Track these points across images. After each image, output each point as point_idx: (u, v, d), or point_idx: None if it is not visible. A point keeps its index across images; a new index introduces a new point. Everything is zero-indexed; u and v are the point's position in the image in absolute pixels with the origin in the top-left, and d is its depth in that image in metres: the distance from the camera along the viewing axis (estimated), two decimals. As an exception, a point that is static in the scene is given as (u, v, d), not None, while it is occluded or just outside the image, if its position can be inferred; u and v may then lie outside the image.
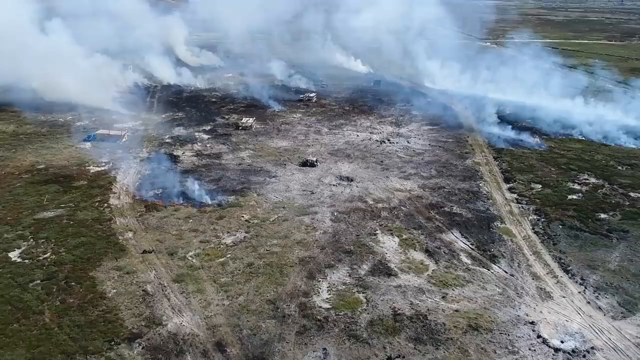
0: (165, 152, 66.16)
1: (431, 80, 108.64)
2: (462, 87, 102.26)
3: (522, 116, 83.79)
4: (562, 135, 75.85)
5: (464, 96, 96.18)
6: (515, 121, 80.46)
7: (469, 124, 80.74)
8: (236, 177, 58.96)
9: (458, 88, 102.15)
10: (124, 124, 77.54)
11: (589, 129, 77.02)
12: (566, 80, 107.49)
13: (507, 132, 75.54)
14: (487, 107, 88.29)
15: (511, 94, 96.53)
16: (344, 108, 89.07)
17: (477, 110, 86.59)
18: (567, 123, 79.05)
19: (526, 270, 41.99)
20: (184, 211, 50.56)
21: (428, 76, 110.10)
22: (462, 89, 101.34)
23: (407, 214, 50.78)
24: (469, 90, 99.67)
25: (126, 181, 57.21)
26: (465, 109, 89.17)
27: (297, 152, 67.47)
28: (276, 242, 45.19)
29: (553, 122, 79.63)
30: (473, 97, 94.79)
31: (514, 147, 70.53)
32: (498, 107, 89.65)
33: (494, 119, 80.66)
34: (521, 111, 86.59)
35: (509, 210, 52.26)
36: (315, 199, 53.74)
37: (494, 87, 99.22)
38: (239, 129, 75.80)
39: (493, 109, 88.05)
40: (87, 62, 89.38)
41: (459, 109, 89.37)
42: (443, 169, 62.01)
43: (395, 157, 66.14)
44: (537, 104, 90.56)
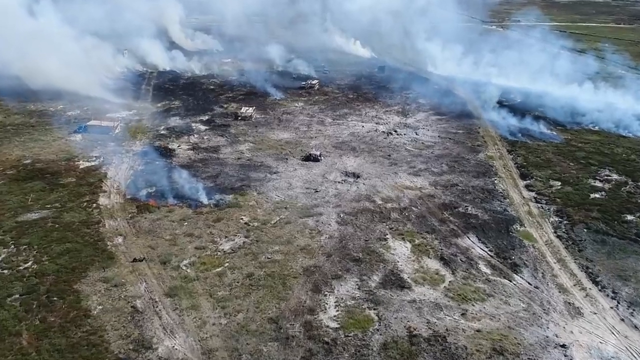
0: (160, 145, 61.88)
1: (436, 65, 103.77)
2: (468, 72, 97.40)
3: (533, 104, 79.14)
4: (577, 126, 71.34)
5: (470, 82, 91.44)
6: (527, 110, 75.88)
7: (479, 113, 76.24)
8: (235, 173, 54.80)
9: (463, 74, 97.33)
10: (116, 113, 73.10)
11: (603, 118, 72.55)
12: (576, 66, 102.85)
13: (519, 123, 71.11)
14: (496, 94, 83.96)
15: (519, 80, 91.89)
16: (347, 96, 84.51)
17: (486, 98, 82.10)
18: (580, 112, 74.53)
19: (551, 281, 38.09)
20: (178, 212, 46.52)
21: (432, 61, 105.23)
22: (467, 74, 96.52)
23: (418, 215, 46.75)
24: (475, 76, 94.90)
25: (117, 178, 53.07)
26: (473, 97, 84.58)
27: (299, 144, 63.22)
28: (278, 248, 41.22)
29: (565, 111, 75.12)
30: (480, 84, 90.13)
31: (528, 138, 66.18)
32: (507, 94, 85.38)
33: (504, 108, 76.31)
34: (531, 99, 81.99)
35: (528, 210, 48.23)
36: (319, 198, 49.67)
37: (500, 73, 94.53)
38: (238, 119, 71.39)
39: (503, 96, 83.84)
40: (77, 46, 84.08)
41: (466, 97, 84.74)
42: (455, 164, 57.81)
43: (404, 150, 61.89)
44: (547, 91, 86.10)
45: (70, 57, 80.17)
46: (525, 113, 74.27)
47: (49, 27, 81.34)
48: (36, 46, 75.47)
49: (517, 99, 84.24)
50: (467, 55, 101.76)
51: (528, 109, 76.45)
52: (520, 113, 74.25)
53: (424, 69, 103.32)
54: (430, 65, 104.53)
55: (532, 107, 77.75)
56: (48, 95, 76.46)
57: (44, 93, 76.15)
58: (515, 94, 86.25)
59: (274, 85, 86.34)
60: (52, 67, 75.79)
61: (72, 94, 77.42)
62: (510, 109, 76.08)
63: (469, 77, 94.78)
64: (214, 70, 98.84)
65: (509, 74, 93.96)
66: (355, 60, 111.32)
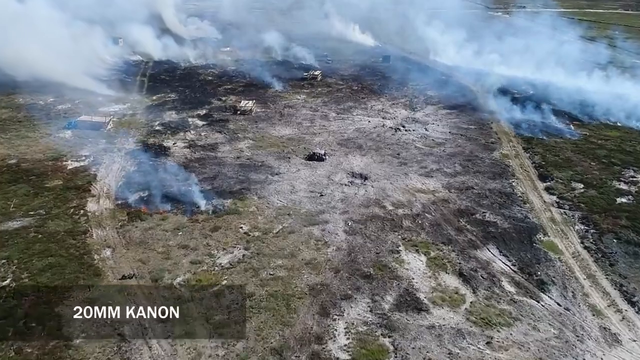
0: (154, 143, 57.68)
1: (441, 54, 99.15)
2: (475, 62, 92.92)
3: (546, 96, 74.70)
4: (595, 121, 67.06)
5: (478, 73, 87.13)
6: (541, 103, 71.44)
7: (490, 106, 71.84)
8: (234, 174, 50.68)
9: (470, 63, 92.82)
10: (109, 107, 68.77)
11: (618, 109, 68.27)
12: (587, 55, 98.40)
13: (533, 117, 66.85)
14: (506, 86, 79.71)
15: (529, 70, 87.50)
16: (352, 88, 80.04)
17: (497, 90, 77.82)
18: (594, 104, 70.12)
19: (583, 301, 34.24)
20: (172, 220, 42.49)
21: (437, 50, 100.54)
22: (474, 64, 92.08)
23: (433, 223, 42.75)
24: (482, 66, 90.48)
25: (108, 180, 48.95)
26: (483, 88, 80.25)
27: (302, 141, 59.02)
28: (281, 262, 37.28)
29: (580, 104, 70.79)
30: (488, 74, 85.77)
31: (544, 135, 61.93)
32: (519, 86, 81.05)
33: (516, 101, 72.02)
34: (544, 90, 77.63)
35: (551, 217, 44.23)
36: (325, 203, 45.63)
37: (509, 63, 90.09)
38: (237, 114, 67.05)
39: (514, 88, 79.54)
40: (67, 33, 79.22)
41: (476, 88, 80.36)
42: (468, 164, 53.69)
43: (413, 148, 57.70)
44: (559, 81, 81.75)
45: (59, 45, 75.59)
46: (538, 106, 69.94)
47: (36, 11, 76.41)
48: (20, 32, 70.57)
49: (529, 90, 79.85)
50: (473, 44, 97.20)
51: (541, 102, 71.99)
52: (534, 106, 69.93)
53: (428, 58, 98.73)
54: (435, 54, 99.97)
55: (545, 100, 73.31)
56: (35, 87, 71.92)
57: (31, 84, 71.57)
58: (526, 85, 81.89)
59: (274, 76, 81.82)
60: (40, 56, 71.15)
61: (62, 85, 72.76)
62: (523, 102, 71.76)
63: (476, 67, 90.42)
64: (212, 59, 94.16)
65: (518, 63, 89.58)
66: (358, 49, 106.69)
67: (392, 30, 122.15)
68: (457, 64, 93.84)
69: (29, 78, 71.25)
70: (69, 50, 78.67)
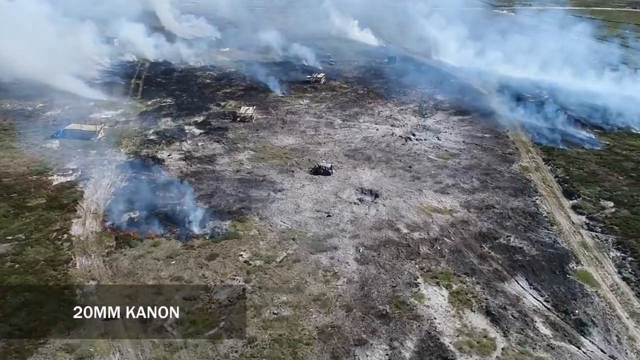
0: (147, 155, 53.15)
1: (447, 55, 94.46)
2: (483, 63, 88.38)
3: (562, 101, 70.16)
4: (617, 129, 62.58)
5: (488, 75, 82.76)
6: (557, 108, 66.90)
7: (503, 112, 67.35)
8: (233, 190, 46.20)
9: (479, 64, 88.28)
10: (101, 113, 64.15)
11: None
12: (601, 55, 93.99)
13: (551, 124, 62.41)
14: (518, 89, 75.24)
15: (541, 72, 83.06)
16: (357, 92, 75.43)
17: (509, 94, 73.36)
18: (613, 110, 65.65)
19: (629, 347, 29.91)
20: (165, 246, 38.04)
21: (443, 51, 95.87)
22: (483, 65, 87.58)
23: (453, 249, 38.32)
24: (492, 68, 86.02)
25: (96, 198, 44.45)
26: (494, 92, 75.83)
27: (306, 152, 54.53)
28: (286, 298, 32.88)
29: (600, 109, 66.36)
30: (498, 77, 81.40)
31: (564, 144, 57.46)
32: (532, 89, 76.58)
33: (531, 106, 67.55)
34: (559, 94, 73.18)
35: (581, 241, 39.82)
36: (333, 224, 41.18)
37: (519, 63, 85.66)
38: (237, 121, 62.47)
39: (527, 91, 75.08)
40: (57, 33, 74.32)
41: (487, 92, 75.84)
42: (487, 178, 49.23)
43: (426, 160, 53.21)
44: (574, 84, 77.36)
45: (48, 45, 70.91)
46: (555, 112, 65.46)
47: (22, 8, 71.63)
48: (5, 30, 65.84)
49: (542, 94, 75.35)
50: (480, 44, 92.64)
51: (557, 107, 67.47)
52: (550, 112, 65.46)
53: (435, 59, 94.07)
54: (442, 54, 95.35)
55: (561, 104, 68.83)
56: (23, 92, 67.32)
57: (19, 88, 67.02)
58: (538, 88, 77.42)
59: (275, 79, 77.17)
60: (26, 57, 66.48)
61: (52, 89, 68.05)
62: (538, 107, 67.25)
63: (485, 68, 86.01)
64: (210, 60, 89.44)
65: (527, 64, 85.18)
66: (361, 49, 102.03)
67: (396, 29, 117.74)
68: (464, 65, 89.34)
69: (15, 80, 66.54)
70: (59, 50, 74.09)
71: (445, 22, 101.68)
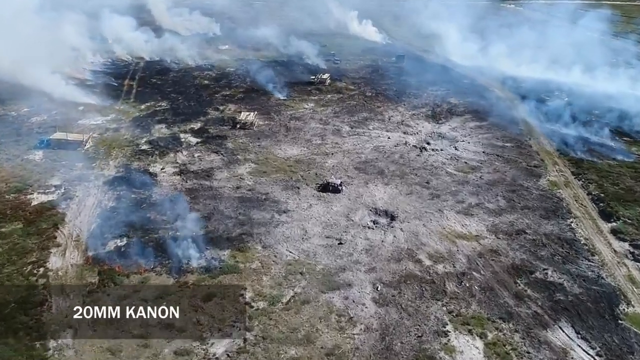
0: (139, 168, 47.80)
1: (457, 53, 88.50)
2: (496, 62, 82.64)
3: (584, 105, 64.66)
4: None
5: (501, 74, 77.27)
6: (580, 113, 61.52)
7: (523, 117, 62.02)
8: (232, 211, 40.92)
9: (492, 63, 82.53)
10: (90, 119, 58.75)
11: None
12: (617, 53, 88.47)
13: (576, 131, 57.08)
14: (536, 91, 69.76)
15: (559, 73, 77.49)
16: (365, 94, 69.87)
17: (527, 96, 68.03)
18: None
19: None
20: (154, 283, 32.88)
21: (453, 48, 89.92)
22: (495, 64, 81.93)
23: (484, 285, 33.14)
24: (506, 67, 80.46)
25: (79, 221, 39.20)
26: (510, 93, 70.45)
27: (313, 165, 49.19)
28: (294, 352, 27.75)
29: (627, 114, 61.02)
30: (512, 77, 75.92)
31: (593, 155, 52.15)
32: (551, 91, 71.08)
33: (552, 110, 62.22)
34: (581, 97, 67.68)
35: (628, 275, 34.67)
36: (345, 254, 35.97)
37: (535, 63, 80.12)
38: (237, 128, 57.05)
39: (546, 94, 69.64)
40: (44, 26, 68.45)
41: (504, 95, 70.33)
42: (513, 196, 43.95)
43: (444, 174, 47.88)
44: (594, 86, 72.02)
45: (35, 42, 65.24)
46: (578, 117, 60.13)
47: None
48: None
49: (562, 96, 69.90)
50: (491, 41, 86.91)
51: (580, 111, 62.09)
52: (573, 117, 60.11)
53: (444, 57, 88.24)
54: (451, 53, 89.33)
55: (584, 109, 63.43)
56: (9, 95, 61.76)
57: (3, 91, 61.50)
58: (559, 90, 71.90)
59: (278, 80, 71.69)
60: (11, 55, 60.88)
61: (39, 92, 62.37)
62: (559, 111, 61.90)
63: (499, 68, 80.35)
64: (209, 59, 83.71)
65: (545, 64, 79.61)
66: (367, 46, 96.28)
67: (402, 24, 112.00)
68: (475, 64, 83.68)
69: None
70: (46, 48, 68.54)
71: (452, 17, 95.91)
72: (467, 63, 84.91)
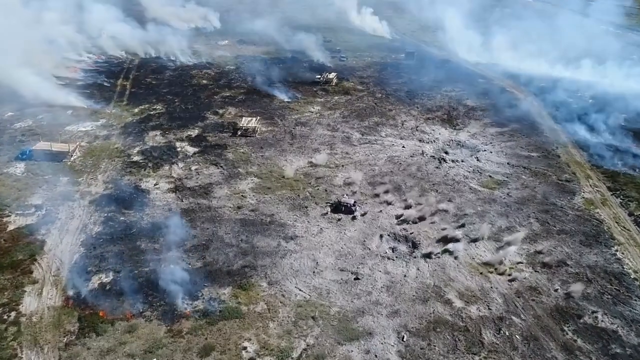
0: (129, 184, 42.65)
1: (470, 50, 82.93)
2: (513, 59, 77.40)
3: (610, 106, 59.33)
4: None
5: (517, 73, 71.90)
6: (607, 116, 56.33)
7: (546, 121, 56.90)
8: (234, 238, 35.89)
9: (507, 61, 77.28)
10: (79, 125, 53.47)
11: None
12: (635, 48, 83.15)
13: (605, 137, 52.02)
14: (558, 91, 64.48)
15: (580, 71, 72.16)
16: (374, 95, 64.49)
17: (547, 97, 62.87)
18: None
19: None
20: (143, 332, 27.92)
21: (464, 44, 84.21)
22: (512, 62, 76.65)
23: (526, 334, 28.21)
24: (523, 64, 75.20)
25: (60, 251, 34.19)
26: (529, 94, 65.16)
27: (321, 179, 44.07)
28: None
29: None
30: (529, 75, 70.57)
31: (628, 167, 47.03)
32: (574, 92, 65.70)
33: (576, 113, 57.09)
34: (606, 98, 62.42)
35: (690, 318, 29.72)
36: (363, 292, 31.02)
37: (553, 60, 74.73)
38: (238, 135, 51.85)
39: (569, 95, 64.26)
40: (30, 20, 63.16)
41: (522, 96, 64.97)
42: (547, 217, 38.89)
43: (468, 190, 42.77)
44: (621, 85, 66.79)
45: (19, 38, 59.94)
46: (607, 122, 55.01)
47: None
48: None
49: (585, 97, 64.57)
50: (505, 36, 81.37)
51: (607, 115, 56.87)
52: (601, 121, 55.02)
53: (456, 54, 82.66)
54: (462, 48, 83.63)
55: (611, 111, 58.13)
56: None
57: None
58: (580, 90, 66.51)
59: (281, 80, 66.34)
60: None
61: (25, 95, 57.02)
62: (585, 114, 56.82)
63: (514, 65, 75.07)
64: (207, 57, 78.14)
65: (564, 61, 74.21)
66: (374, 42, 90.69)
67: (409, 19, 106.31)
68: (489, 61, 78.45)
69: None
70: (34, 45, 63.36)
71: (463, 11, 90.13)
72: (480, 60, 79.50)
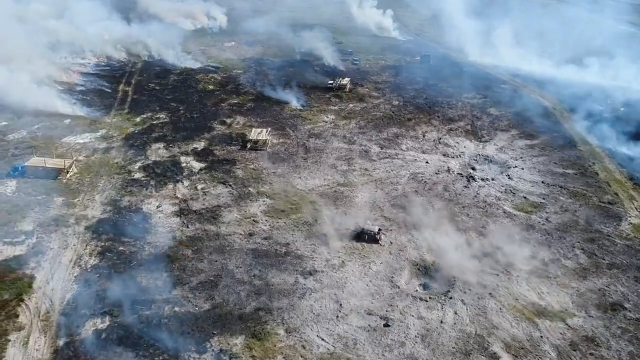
0: (130, 206, 38.49)
1: (489, 53, 78.07)
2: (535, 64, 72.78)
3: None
4: None
5: (543, 79, 67.30)
6: None
7: (578, 133, 52.42)
8: (245, 272, 31.74)
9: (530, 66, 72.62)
10: (77, 137, 49.44)
11: None
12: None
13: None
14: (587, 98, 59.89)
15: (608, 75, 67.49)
16: (391, 102, 60.07)
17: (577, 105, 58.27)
18: None
19: None
20: (143, 395, 23.81)
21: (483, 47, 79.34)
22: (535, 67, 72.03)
23: (588, 400, 23.96)
24: (548, 70, 70.56)
25: (50, 288, 30.16)
26: (557, 102, 60.65)
27: (340, 200, 39.81)
28: None
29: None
30: (554, 80, 65.99)
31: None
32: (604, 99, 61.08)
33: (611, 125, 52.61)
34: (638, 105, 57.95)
35: None
36: (395, 344, 26.79)
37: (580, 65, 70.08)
38: (247, 148, 47.63)
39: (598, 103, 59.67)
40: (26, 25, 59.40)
41: (549, 104, 60.45)
42: (594, 248, 34.56)
43: (502, 214, 38.42)
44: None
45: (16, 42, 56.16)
46: (639, 131, 50.82)
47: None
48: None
49: (617, 105, 59.97)
50: (528, 41, 76.68)
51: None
52: (635, 132, 50.68)
53: (473, 57, 77.97)
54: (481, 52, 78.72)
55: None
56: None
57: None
58: (610, 97, 61.87)
59: (291, 85, 62.04)
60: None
61: (20, 103, 52.89)
62: (620, 125, 52.36)
63: (540, 71, 70.43)
64: (213, 59, 73.77)
65: (589, 65, 69.51)
66: (387, 44, 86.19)
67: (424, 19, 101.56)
68: (510, 65, 73.71)
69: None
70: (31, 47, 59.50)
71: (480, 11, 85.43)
72: (498, 63, 74.89)
